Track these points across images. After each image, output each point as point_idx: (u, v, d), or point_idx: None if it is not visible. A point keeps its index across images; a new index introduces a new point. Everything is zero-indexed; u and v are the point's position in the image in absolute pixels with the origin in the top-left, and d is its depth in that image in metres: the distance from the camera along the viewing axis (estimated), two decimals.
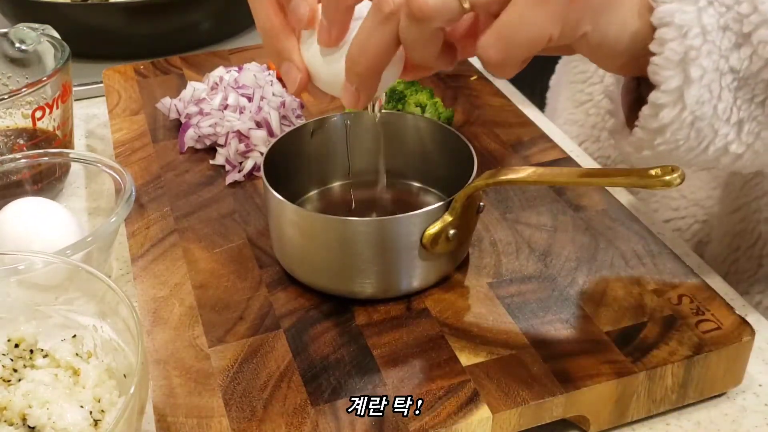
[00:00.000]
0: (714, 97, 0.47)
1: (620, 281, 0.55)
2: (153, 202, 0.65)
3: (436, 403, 0.47)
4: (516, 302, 0.54)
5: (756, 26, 0.45)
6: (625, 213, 0.61)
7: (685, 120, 0.47)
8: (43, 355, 0.48)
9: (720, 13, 0.45)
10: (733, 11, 0.45)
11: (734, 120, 0.48)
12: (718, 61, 0.46)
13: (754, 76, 0.47)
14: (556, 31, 0.42)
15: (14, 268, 0.50)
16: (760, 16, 0.45)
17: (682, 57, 0.45)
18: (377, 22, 0.44)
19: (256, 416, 0.46)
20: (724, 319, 0.51)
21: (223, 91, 0.73)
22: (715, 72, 0.46)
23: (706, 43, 0.45)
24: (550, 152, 0.70)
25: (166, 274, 0.57)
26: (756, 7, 0.45)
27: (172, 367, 0.50)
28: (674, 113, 0.47)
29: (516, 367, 0.49)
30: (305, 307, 0.54)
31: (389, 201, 0.63)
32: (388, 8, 0.43)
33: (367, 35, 0.45)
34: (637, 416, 0.50)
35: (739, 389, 0.52)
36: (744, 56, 0.46)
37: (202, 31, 1.00)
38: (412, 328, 0.52)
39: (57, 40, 0.73)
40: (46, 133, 0.71)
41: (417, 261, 0.53)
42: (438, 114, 0.70)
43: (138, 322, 0.44)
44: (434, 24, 0.42)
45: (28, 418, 0.43)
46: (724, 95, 0.47)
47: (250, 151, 0.68)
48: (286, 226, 0.54)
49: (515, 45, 0.42)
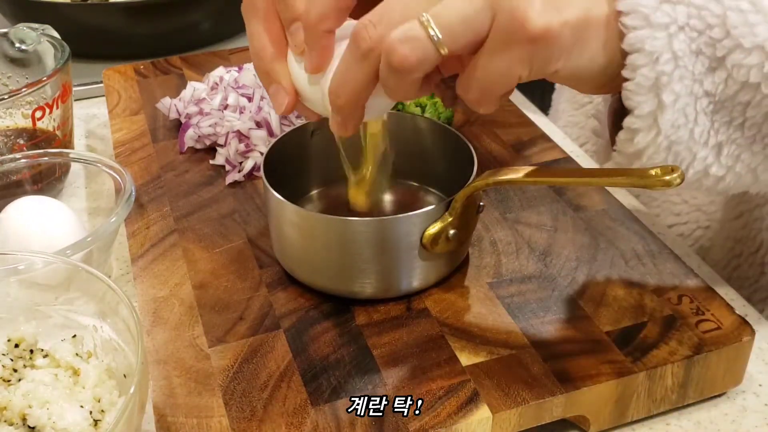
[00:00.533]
0: (690, 121, 0.46)
1: (620, 281, 0.55)
2: (153, 202, 0.65)
3: (436, 403, 0.47)
4: (516, 302, 0.54)
5: (729, 50, 0.45)
6: (625, 213, 0.61)
7: (661, 144, 0.47)
8: (43, 355, 0.48)
9: (691, 38, 0.45)
10: (705, 36, 0.45)
11: (712, 143, 0.48)
12: (691, 85, 0.46)
13: (730, 99, 0.46)
14: (524, 72, 0.44)
15: (14, 268, 0.50)
16: (732, 40, 0.45)
17: (654, 82, 0.45)
18: (355, 58, 0.44)
19: (256, 416, 0.46)
20: (724, 319, 0.51)
21: (223, 91, 0.73)
22: (690, 96, 0.46)
23: (678, 68, 0.45)
24: (550, 152, 0.70)
25: (166, 274, 0.57)
26: (728, 32, 0.44)
27: (172, 367, 0.50)
28: (649, 138, 0.47)
29: (516, 367, 0.49)
30: (305, 307, 0.54)
31: (389, 201, 0.63)
32: (366, 45, 0.43)
33: (346, 70, 0.45)
34: (637, 416, 0.50)
35: (739, 389, 0.52)
36: (719, 80, 0.46)
37: (202, 31, 1.00)
38: (412, 328, 0.52)
39: (57, 40, 0.73)
40: (46, 133, 0.71)
41: (417, 261, 0.53)
42: (438, 114, 0.70)
43: (138, 322, 0.44)
44: (415, 75, 0.43)
45: (28, 418, 0.43)
46: (701, 119, 0.47)
47: (250, 151, 0.68)
48: (286, 226, 0.54)
49: (488, 85, 0.44)
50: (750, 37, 0.44)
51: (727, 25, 0.44)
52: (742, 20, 0.44)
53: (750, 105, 0.46)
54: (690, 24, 0.45)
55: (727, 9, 0.44)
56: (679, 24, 0.45)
